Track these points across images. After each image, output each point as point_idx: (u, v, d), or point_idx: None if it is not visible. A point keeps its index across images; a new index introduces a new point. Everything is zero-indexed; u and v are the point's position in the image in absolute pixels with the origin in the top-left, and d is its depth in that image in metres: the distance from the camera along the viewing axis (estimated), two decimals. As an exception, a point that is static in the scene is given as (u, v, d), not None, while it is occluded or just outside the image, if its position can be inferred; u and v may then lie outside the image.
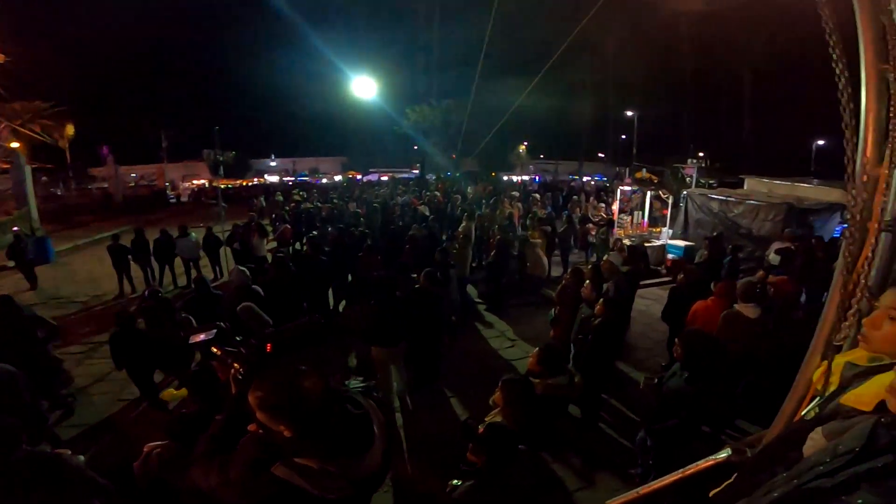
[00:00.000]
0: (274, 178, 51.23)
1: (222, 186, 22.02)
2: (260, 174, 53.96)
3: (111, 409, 5.82)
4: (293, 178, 49.65)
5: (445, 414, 5.42)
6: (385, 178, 41.80)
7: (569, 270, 6.37)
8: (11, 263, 11.52)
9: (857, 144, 1.53)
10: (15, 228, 13.76)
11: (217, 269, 11.46)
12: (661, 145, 38.23)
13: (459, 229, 9.78)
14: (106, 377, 6.54)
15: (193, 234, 11.02)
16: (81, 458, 2.83)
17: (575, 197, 17.17)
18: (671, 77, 44.12)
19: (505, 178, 39.78)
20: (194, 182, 45.08)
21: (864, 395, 1.27)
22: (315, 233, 10.83)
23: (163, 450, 2.37)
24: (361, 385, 2.07)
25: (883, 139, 1.50)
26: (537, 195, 18.06)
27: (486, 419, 3.30)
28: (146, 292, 6.72)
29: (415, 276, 6.63)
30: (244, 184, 45.21)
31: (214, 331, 2.22)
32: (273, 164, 58.92)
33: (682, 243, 11.36)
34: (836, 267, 1.65)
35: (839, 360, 1.53)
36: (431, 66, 43.26)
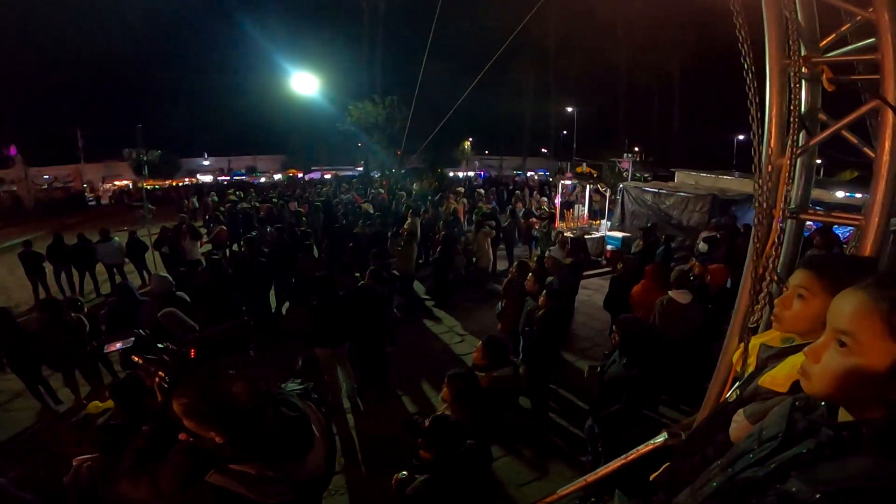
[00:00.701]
0: (207, 178, 48.53)
1: (148, 187, 20.73)
2: (191, 174, 50.83)
3: (33, 425, 5.50)
4: (229, 178, 47.30)
5: (397, 413, 5.33)
6: (328, 177, 40.83)
7: (514, 264, 6.47)
8: None
9: (762, 136, 1.62)
10: None
11: (144, 274, 10.78)
12: (599, 140, 39.76)
13: (405, 226, 9.71)
14: (25, 392, 6.00)
15: (117, 238, 10.32)
16: (2, 480, 2.69)
17: (518, 192, 17.50)
18: (608, 74, 45.88)
19: (450, 174, 39.97)
20: (116, 183, 42.02)
21: (778, 377, 1.32)
22: (254, 233, 10.38)
23: (93, 463, 2.29)
24: (299, 387, 2.03)
25: (785, 131, 1.59)
26: (482, 191, 18.28)
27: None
28: (64, 301, 6.24)
29: (358, 274, 6.49)
30: (174, 184, 42.52)
31: (132, 339, 2.07)
32: (206, 162, 55.73)
33: (619, 234, 11.86)
34: (748, 253, 1.74)
35: (755, 342, 1.60)
36: (374, 63, 42.59)
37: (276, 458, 1.55)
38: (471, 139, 53.30)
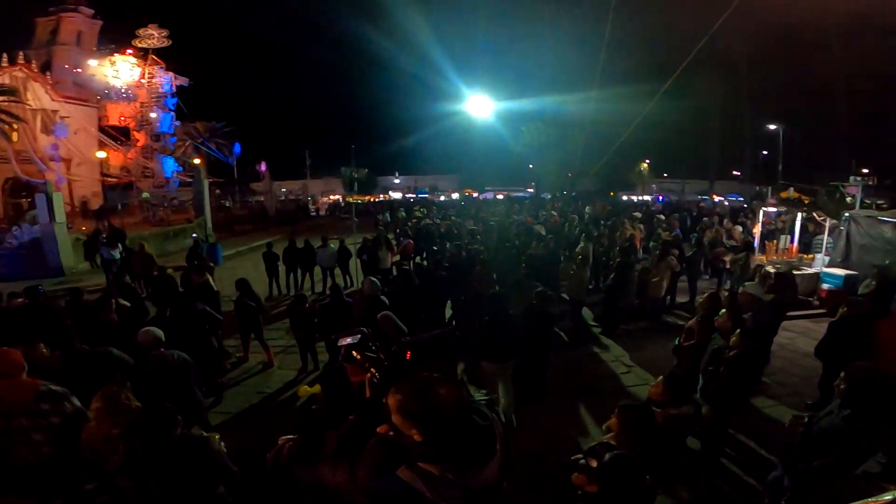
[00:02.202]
0: (397, 195, 54.68)
1: (354, 202, 24.27)
2: (385, 191, 57.95)
3: (252, 400, 6.43)
4: (414, 195, 52.41)
5: (549, 433, 5.32)
6: (500, 197, 42.24)
7: (704, 296, 5.95)
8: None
9: None
10: (194, 235, 16.51)
11: (347, 278, 12.38)
12: (810, 161, 33.40)
13: (577, 250, 9.65)
14: (251, 371, 7.37)
15: (332, 245, 12.19)
16: (223, 445, 3.07)
17: (705, 219, 15.74)
18: (821, 84, 38.15)
19: (624, 197, 37.86)
20: (331, 197, 49.89)
21: None
22: (435, 248, 11.42)
23: (293, 443, 2.45)
24: (485, 398, 2.09)
25: None
26: (662, 216, 16.94)
27: (594, 445, 3.30)
28: (295, 297, 7.78)
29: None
30: (371, 199, 48.95)
31: (359, 336, 2.33)
32: (397, 181, 63.00)
33: (841, 272, 9.86)
34: None
35: None
36: (547, 83, 42.75)
37: (461, 462, 1.61)
38: (648, 161, 49.71)
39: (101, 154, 30.58)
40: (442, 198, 49.62)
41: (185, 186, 31.07)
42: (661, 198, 38.45)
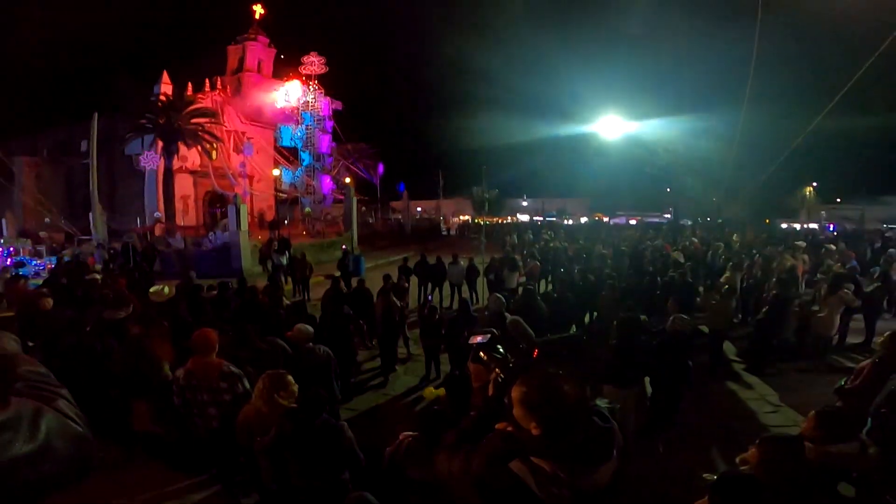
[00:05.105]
0: (525, 217, 54.66)
1: (481, 222, 25.04)
2: (513, 212, 58.27)
3: (377, 401, 6.86)
4: (542, 218, 51.96)
5: (671, 464, 4.99)
6: (633, 222, 39.88)
7: (886, 335, 5.11)
8: (338, 273, 15.46)
9: None
10: (343, 247, 18.59)
11: (474, 294, 12.84)
12: None
13: (721, 279, 8.95)
14: (378, 373, 7.92)
15: (462, 262, 12.90)
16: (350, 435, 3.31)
17: (892, 249, 13.22)
18: None
19: (784, 225, 32.96)
20: (461, 217, 51.62)
21: None
22: (563, 270, 11.39)
23: (413, 440, 2.58)
24: (608, 406, 2.12)
25: None
26: (833, 246, 14.58)
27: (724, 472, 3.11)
28: (426, 308, 8.37)
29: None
30: (499, 221, 49.61)
31: (489, 336, 2.45)
32: (525, 203, 62.92)
33: None
34: None
35: None
36: (687, 98, 38.92)
37: (574, 460, 1.61)
38: (815, 184, 42.78)
39: (276, 172, 35.58)
40: (570, 221, 48.31)
41: (337, 203, 34.82)
42: (831, 226, 32.79)
